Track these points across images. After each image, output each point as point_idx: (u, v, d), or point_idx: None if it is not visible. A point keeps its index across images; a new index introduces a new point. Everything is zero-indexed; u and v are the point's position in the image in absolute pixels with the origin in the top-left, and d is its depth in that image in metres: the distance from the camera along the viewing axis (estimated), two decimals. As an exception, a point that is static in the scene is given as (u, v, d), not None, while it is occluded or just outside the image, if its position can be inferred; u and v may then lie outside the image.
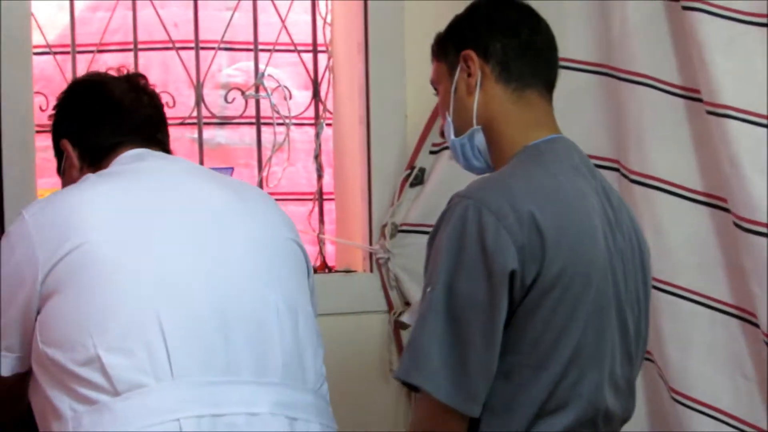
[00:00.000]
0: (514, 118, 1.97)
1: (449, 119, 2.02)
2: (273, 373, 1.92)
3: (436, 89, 2.07)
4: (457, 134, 2.02)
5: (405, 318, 2.53)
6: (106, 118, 2.16)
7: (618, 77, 2.71)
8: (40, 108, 2.86)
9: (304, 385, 1.97)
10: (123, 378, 1.81)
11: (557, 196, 1.88)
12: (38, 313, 1.89)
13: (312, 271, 2.18)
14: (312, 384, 1.99)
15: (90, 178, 2.04)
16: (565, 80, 2.57)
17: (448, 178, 2.79)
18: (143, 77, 2.26)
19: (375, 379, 2.92)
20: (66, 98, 2.25)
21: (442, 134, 2.09)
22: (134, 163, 2.08)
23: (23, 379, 1.96)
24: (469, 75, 1.98)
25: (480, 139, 1.99)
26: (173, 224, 1.96)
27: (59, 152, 2.22)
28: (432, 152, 2.89)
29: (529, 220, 1.81)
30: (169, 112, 3.01)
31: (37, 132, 2.73)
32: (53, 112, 2.27)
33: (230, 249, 1.97)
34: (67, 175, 2.18)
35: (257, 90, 3.03)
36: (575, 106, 2.68)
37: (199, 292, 1.90)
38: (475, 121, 1.98)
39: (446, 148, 2.81)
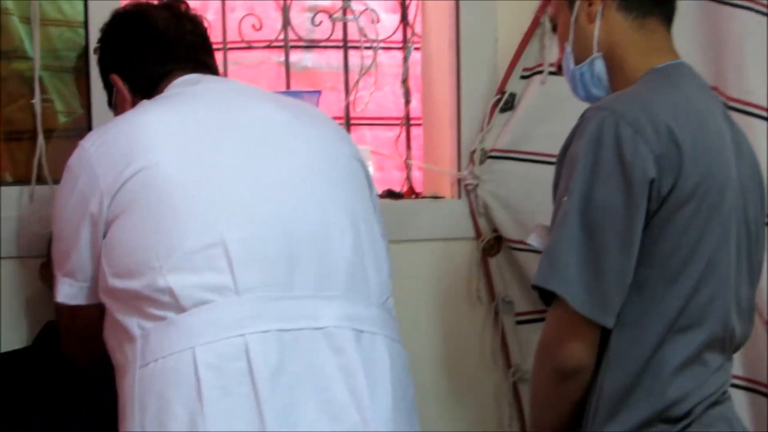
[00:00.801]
0: (636, 45, 1.99)
1: (568, 49, 2.04)
2: (336, 287, 1.93)
3: (554, 24, 2.10)
4: (576, 63, 2.03)
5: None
6: (152, 50, 2.17)
7: (718, 0, 2.64)
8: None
9: (368, 298, 1.97)
10: (188, 295, 1.83)
11: (691, 113, 1.90)
12: (104, 237, 1.92)
13: (374, 186, 2.17)
14: (376, 298, 1.99)
15: (145, 103, 2.06)
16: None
17: (538, 103, 2.77)
18: (183, 2, 2.25)
19: (463, 305, 2.89)
20: (109, 32, 2.25)
21: (560, 69, 2.11)
22: (189, 87, 2.09)
23: (102, 316, 1.98)
24: (590, 4, 2.00)
25: (600, 66, 2.01)
26: (234, 144, 1.97)
27: (109, 86, 2.23)
28: (523, 77, 2.84)
29: (667, 131, 1.83)
30: (255, 35, 3.01)
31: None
32: (98, 45, 2.27)
33: (291, 167, 1.98)
34: (121, 109, 2.19)
35: (345, 13, 3.00)
36: (673, 31, 2.62)
37: (261, 210, 1.91)
38: (595, 48, 2.00)
39: (537, 73, 2.79)
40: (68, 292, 2.01)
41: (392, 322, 2.02)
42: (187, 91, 2.08)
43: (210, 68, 2.21)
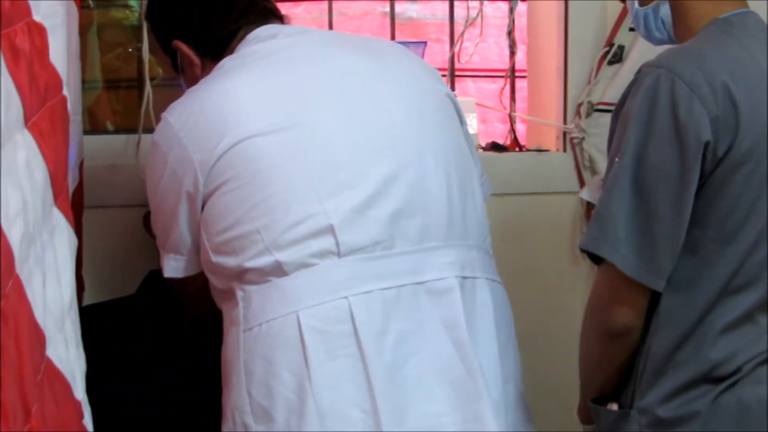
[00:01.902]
0: None
1: None
2: (437, 237, 1.91)
3: None
4: (642, 4, 1.99)
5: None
6: (211, 10, 2.08)
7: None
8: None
9: (467, 240, 1.96)
10: (291, 260, 1.83)
11: (751, 69, 1.85)
12: (202, 211, 1.91)
13: (465, 121, 2.14)
14: (475, 239, 1.98)
15: (226, 67, 1.99)
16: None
17: (647, 56, 2.65)
18: None
19: (566, 259, 2.87)
20: None
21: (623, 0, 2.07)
22: (267, 42, 2.02)
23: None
24: None
25: (666, 11, 1.96)
26: (325, 102, 1.93)
27: (171, 51, 2.13)
28: (632, 29, 2.78)
29: (724, 90, 1.78)
30: (360, -16, 2.99)
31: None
32: (148, 12, 2.20)
33: (386, 116, 1.95)
34: (189, 73, 2.12)
35: (451, -37, 2.96)
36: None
37: (360, 171, 1.88)
38: None
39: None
40: (174, 266, 2.01)
41: (491, 262, 2.02)
42: (265, 49, 2.00)
43: (276, 15, 2.12)
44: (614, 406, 1.92)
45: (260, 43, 2.02)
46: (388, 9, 3.01)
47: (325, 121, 1.91)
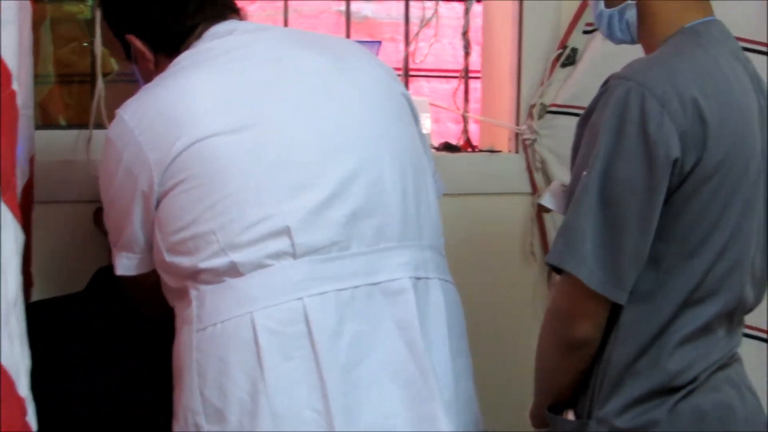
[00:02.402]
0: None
1: None
2: (392, 237, 1.91)
3: None
4: (608, 5, 1.99)
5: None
6: (166, 5, 2.04)
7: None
8: None
9: (421, 241, 1.96)
10: (247, 261, 1.82)
11: (720, 81, 1.85)
12: (156, 209, 1.89)
13: (419, 121, 2.14)
14: (428, 239, 1.98)
15: (183, 63, 1.96)
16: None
17: (600, 59, 2.72)
18: None
19: (517, 260, 2.89)
20: None
21: None
22: (224, 39, 2.00)
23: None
24: None
25: (632, 14, 1.96)
26: (283, 101, 1.92)
27: (125, 44, 2.10)
28: (585, 32, 2.80)
29: (693, 105, 1.78)
30: (315, -17, 2.97)
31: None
32: (102, 2, 2.17)
33: (344, 116, 1.94)
34: (143, 67, 2.08)
35: (408, -37, 2.96)
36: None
37: (318, 172, 1.88)
38: None
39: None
40: (126, 264, 2.00)
41: (443, 262, 2.02)
42: (223, 46, 1.98)
43: (234, 10, 2.08)
44: (570, 414, 1.92)
45: (217, 40, 2.00)
46: (343, 8, 3.00)
47: (283, 121, 1.90)
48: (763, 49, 2.61)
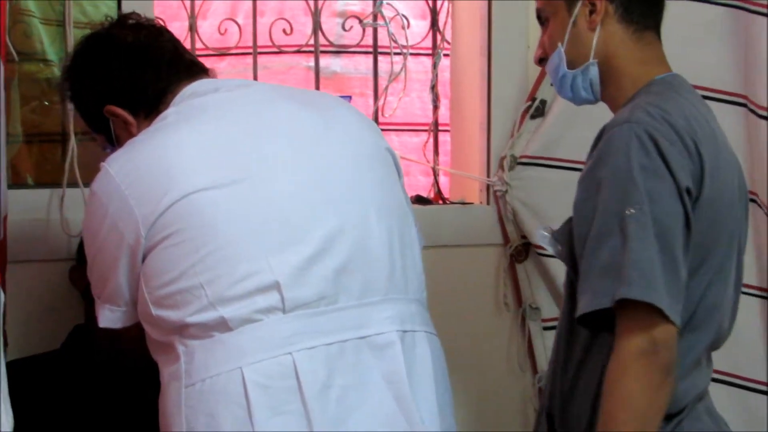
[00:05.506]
0: (636, 56, 2.00)
1: (561, 50, 2.02)
2: (378, 291, 1.92)
3: (541, 18, 2.08)
4: (570, 67, 2.03)
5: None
6: (139, 66, 2.05)
7: (750, 10, 2.62)
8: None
9: (407, 294, 1.98)
10: (236, 316, 1.82)
11: (703, 125, 1.92)
12: (142, 263, 1.88)
13: (402, 173, 2.16)
14: (414, 292, 2.00)
15: (169, 119, 1.97)
16: (696, 12, 2.49)
17: (569, 110, 2.73)
18: (130, 16, 2.14)
19: (490, 311, 2.90)
20: (84, 66, 2.12)
21: (539, 62, 2.10)
22: (209, 96, 2.01)
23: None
24: (592, 11, 1.99)
25: (594, 73, 2.01)
26: (271, 156, 1.93)
27: (102, 120, 2.09)
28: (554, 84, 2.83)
29: (693, 146, 1.86)
30: (285, 40, 3.00)
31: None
32: (71, 91, 2.15)
33: (331, 173, 1.95)
34: (126, 136, 2.06)
35: (375, 18, 2.99)
36: (704, 38, 2.66)
37: (305, 227, 1.88)
38: (592, 55, 2.00)
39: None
40: (110, 317, 1.98)
41: (427, 315, 2.03)
42: (209, 102, 1.99)
43: (201, 67, 2.10)
44: None
45: (201, 97, 2.01)
46: (312, 63, 3.02)
47: (271, 176, 1.91)
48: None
